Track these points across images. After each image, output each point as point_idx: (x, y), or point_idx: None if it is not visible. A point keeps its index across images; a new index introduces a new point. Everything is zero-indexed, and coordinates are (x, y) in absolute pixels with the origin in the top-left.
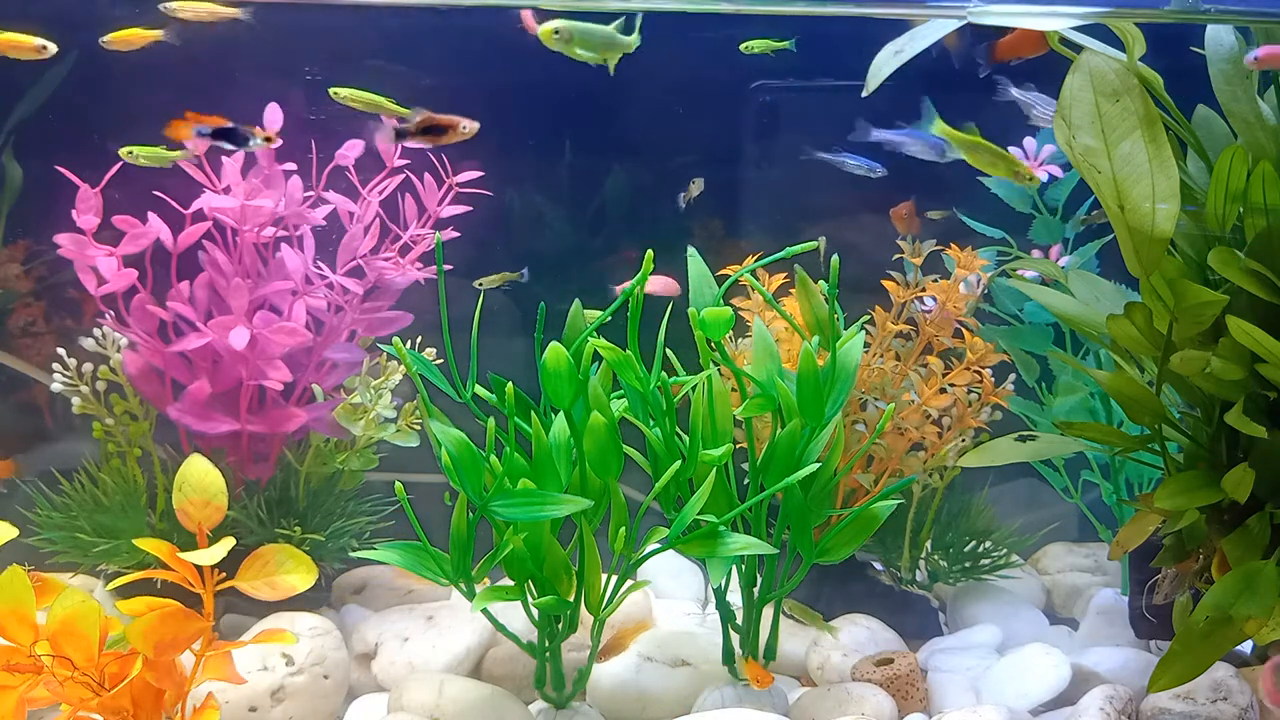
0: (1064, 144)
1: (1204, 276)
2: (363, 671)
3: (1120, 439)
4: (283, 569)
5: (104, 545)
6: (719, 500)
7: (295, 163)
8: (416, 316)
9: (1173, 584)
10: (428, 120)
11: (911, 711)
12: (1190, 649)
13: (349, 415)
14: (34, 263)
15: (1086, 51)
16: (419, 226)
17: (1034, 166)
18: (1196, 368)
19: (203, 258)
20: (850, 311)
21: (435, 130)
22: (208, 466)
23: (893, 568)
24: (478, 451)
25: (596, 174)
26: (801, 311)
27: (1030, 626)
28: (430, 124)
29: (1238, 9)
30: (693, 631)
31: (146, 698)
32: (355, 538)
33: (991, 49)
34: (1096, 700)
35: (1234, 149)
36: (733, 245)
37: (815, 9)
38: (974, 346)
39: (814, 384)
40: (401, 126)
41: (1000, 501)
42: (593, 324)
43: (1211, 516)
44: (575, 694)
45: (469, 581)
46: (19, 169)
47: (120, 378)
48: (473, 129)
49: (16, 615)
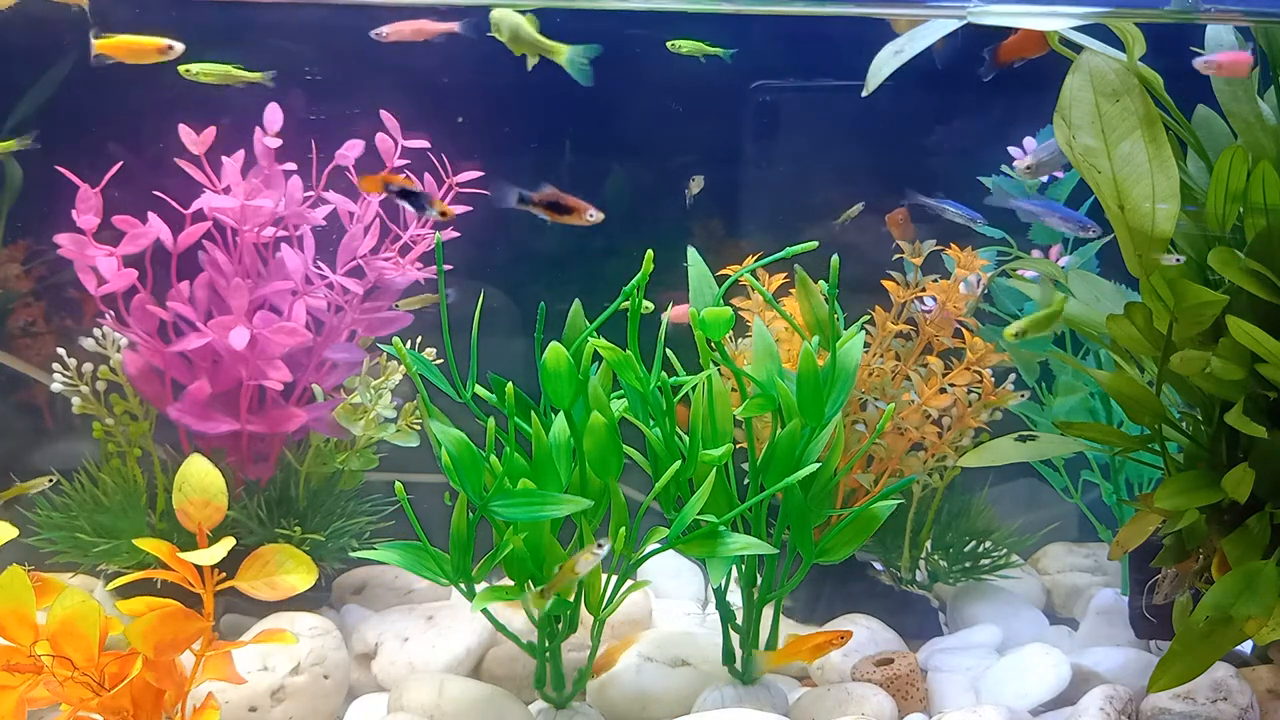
0: (1064, 144)
1: (1204, 276)
2: (363, 671)
3: (1120, 439)
4: (283, 569)
5: (104, 545)
6: (719, 500)
7: (295, 162)
8: (416, 316)
9: (1173, 584)
10: (553, 196)
11: (911, 711)
12: (1190, 649)
13: (349, 415)
14: (34, 263)
15: (1086, 51)
16: (419, 226)
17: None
18: (1196, 368)
19: (203, 258)
20: (850, 311)
21: (559, 208)
22: (208, 466)
23: (893, 568)
24: (478, 451)
25: (596, 174)
26: (801, 311)
27: (1030, 626)
28: (554, 200)
29: (1238, 9)
30: (693, 631)
31: (146, 698)
32: (355, 538)
33: (995, 51)
34: (1096, 700)
35: (1234, 149)
36: (733, 245)
37: (815, 9)
38: (974, 346)
39: (814, 384)
40: (525, 194)
41: (1000, 501)
42: (593, 324)
43: (1211, 516)
44: (575, 694)
45: (469, 581)
46: (19, 169)
47: (120, 378)
48: (598, 218)
49: (16, 615)
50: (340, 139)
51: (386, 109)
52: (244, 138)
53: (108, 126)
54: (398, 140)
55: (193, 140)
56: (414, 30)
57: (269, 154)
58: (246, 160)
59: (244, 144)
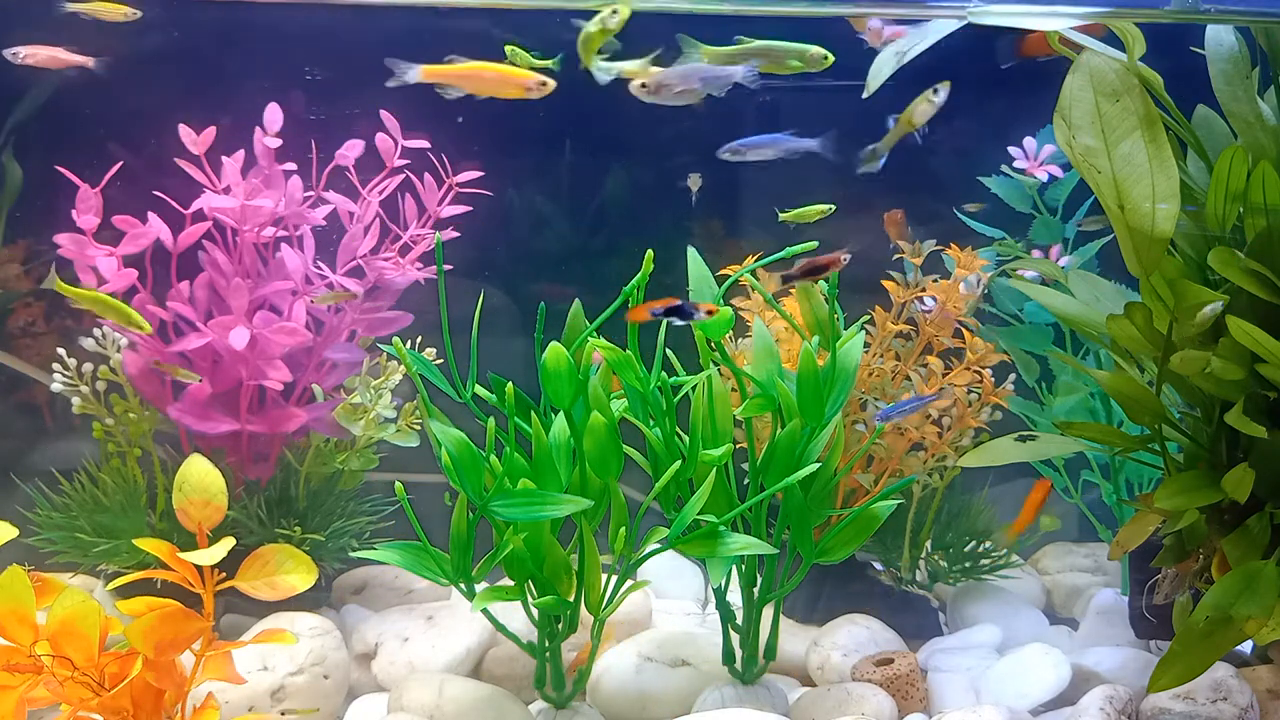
0: (1064, 144)
1: (1204, 276)
2: (363, 671)
3: (1120, 439)
4: (283, 569)
5: (104, 545)
6: (719, 500)
7: (295, 162)
8: (416, 316)
9: (1173, 584)
10: (809, 265)
11: (911, 711)
12: (1190, 649)
13: (349, 415)
14: (34, 263)
15: (1087, 51)
16: (419, 226)
17: (1034, 167)
18: (1196, 368)
19: (203, 258)
20: (850, 311)
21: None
22: (208, 466)
23: (893, 568)
24: (478, 451)
25: (596, 174)
26: (801, 311)
27: (1030, 626)
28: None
29: (1238, 9)
30: (693, 631)
31: (146, 698)
32: (355, 538)
33: (1019, 42)
34: (1096, 700)
35: (1234, 149)
36: (733, 245)
37: (815, 9)
38: (974, 346)
39: (814, 384)
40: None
41: (1000, 501)
42: (593, 324)
43: (1211, 516)
44: (575, 694)
45: (469, 581)
46: (19, 169)
47: (120, 378)
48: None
49: (16, 615)
50: (341, 139)
51: (386, 109)
52: (244, 138)
53: (108, 126)
54: (398, 140)
55: (192, 140)
56: (49, 57)
57: (269, 154)
58: (246, 160)
59: (244, 144)
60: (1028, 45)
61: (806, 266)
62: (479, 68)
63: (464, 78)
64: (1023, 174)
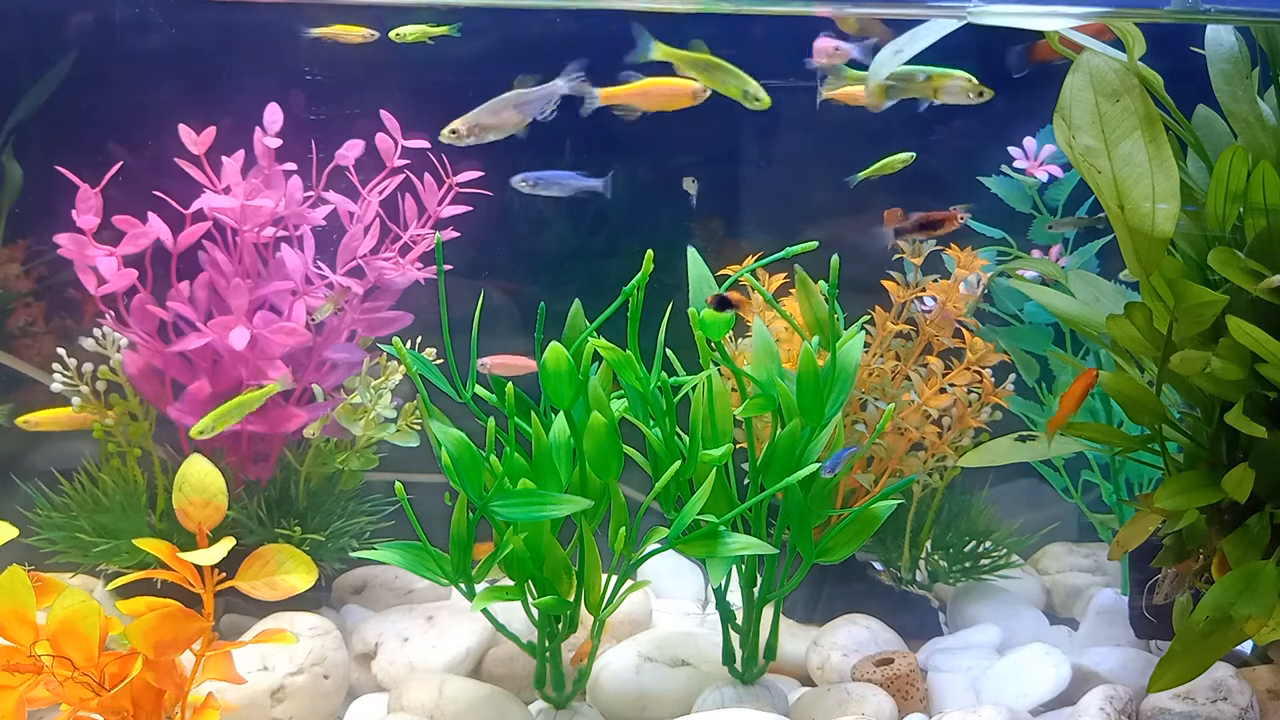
0: (1064, 144)
1: (1204, 276)
2: (363, 671)
3: (1120, 439)
4: (283, 569)
5: (104, 545)
6: (719, 500)
7: (295, 162)
8: (416, 316)
9: (1173, 584)
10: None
11: (911, 711)
12: (1190, 649)
13: (349, 415)
14: (34, 263)
15: (1086, 51)
16: (419, 226)
17: (1034, 167)
18: (1196, 368)
19: (203, 258)
20: (850, 311)
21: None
22: (208, 466)
23: (893, 568)
24: (478, 451)
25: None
26: (801, 311)
27: (1030, 626)
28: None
29: (1238, 9)
30: (693, 631)
31: (146, 698)
32: (355, 538)
33: (1029, 50)
34: (1096, 700)
35: (1234, 149)
36: (733, 245)
37: (815, 9)
38: (974, 346)
39: (814, 384)
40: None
41: (1000, 501)
42: (593, 324)
43: (1211, 516)
44: (575, 694)
45: (469, 581)
46: (19, 169)
47: (120, 378)
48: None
49: (16, 615)
50: (341, 138)
51: (386, 108)
52: (244, 138)
53: (108, 126)
54: (398, 140)
55: (192, 140)
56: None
57: (269, 154)
58: (246, 160)
59: (244, 144)
60: (1039, 51)
61: (921, 220)
62: (651, 84)
63: (639, 95)
64: (1023, 174)
